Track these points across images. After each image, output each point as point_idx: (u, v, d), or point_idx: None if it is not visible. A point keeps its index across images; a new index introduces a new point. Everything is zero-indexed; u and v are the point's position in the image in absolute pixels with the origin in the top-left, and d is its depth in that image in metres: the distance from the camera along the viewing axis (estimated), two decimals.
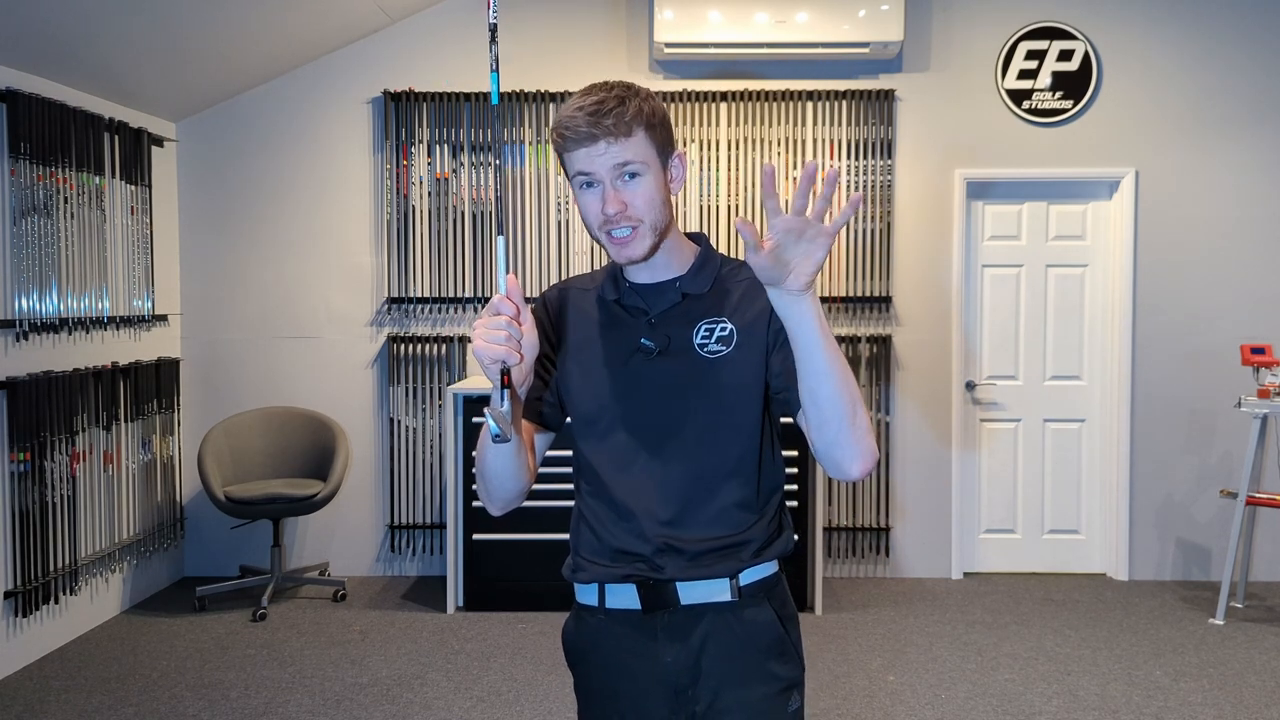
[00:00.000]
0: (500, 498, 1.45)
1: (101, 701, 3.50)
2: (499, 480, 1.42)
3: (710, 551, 1.42)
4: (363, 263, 4.98)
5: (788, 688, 1.45)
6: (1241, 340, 4.76)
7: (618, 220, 1.38)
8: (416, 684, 3.67)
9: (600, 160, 1.36)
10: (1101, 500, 5.06)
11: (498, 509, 1.49)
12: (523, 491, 1.46)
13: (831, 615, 4.43)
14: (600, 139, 1.35)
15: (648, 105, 1.39)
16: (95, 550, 4.24)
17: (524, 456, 1.41)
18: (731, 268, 1.50)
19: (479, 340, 1.25)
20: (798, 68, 4.90)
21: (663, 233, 1.42)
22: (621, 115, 1.35)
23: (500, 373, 1.25)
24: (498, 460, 1.38)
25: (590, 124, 1.35)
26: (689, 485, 1.42)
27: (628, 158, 1.36)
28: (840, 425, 1.30)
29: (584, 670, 1.54)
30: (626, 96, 1.37)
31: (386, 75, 4.92)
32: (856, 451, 1.30)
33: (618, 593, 1.46)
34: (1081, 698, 3.55)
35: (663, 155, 1.41)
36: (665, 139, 1.42)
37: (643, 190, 1.38)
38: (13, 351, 3.78)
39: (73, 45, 3.85)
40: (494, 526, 4.43)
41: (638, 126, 1.37)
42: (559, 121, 1.38)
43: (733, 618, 1.43)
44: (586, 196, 1.40)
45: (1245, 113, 4.88)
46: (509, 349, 1.24)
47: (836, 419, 1.29)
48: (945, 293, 4.96)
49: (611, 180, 1.37)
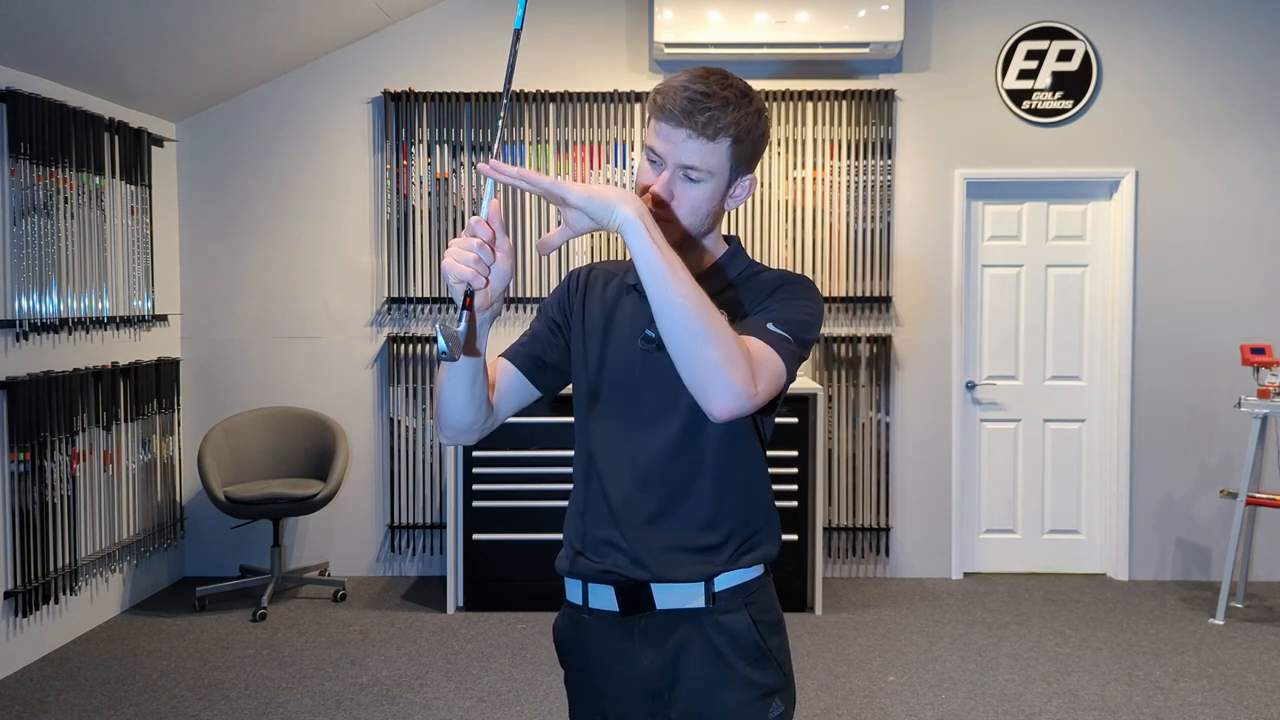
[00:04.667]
0: (449, 425, 1.43)
1: (101, 701, 3.50)
2: (447, 405, 1.40)
3: (684, 550, 1.42)
4: (363, 263, 4.98)
5: (767, 694, 1.44)
6: (1241, 340, 4.76)
7: (658, 205, 1.38)
8: (416, 684, 3.67)
9: (674, 149, 1.35)
10: (1101, 500, 5.06)
11: (446, 437, 1.47)
12: (473, 425, 1.43)
13: (831, 615, 4.43)
14: (684, 128, 1.34)
15: (748, 120, 1.36)
16: (95, 550, 4.24)
17: (479, 390, 1.39)
18: (754, 271, 1.50)
19: (448, 257, 1.24)
20: (798, 68, 4.90)
21: (695, 236, 1.43)
22: (715, 120, 1.33)
23: (464, 294, 1.24)
24: (450, 383, 1.37)
25: (684, 110, 1.33)
26: (667, 480, 1.42)
27: (697, 162, 1.35)
28: (684, 364, 1.24)
29: (571, 666, 1.55)
30: (733, 103, 1.34)
31: (386, 75, 4.92)
32: (710, 389, 1.23)
33: (599, 593, 1.47)
34: (1081, 698, 3.55)
35: (735, 171, 1.40)
36: (747, 157, 1.40)
37: (694, 196, 1.38)
38: (13, 351, 3.78)
39: (73, 45, 3.85)
40: (494, 527, 4.43)
41: (725, 136, 1.35)
42: (661, 86, 1.36)
43: (708, 623, 1.43)
44: (646, 167, 1.40)
45: (1245, 113, 4.88)
46: (475, 271, 1.22)
47: (679, 356, 1.24)
48: (945, 293, 4.96)
49: (673, 171, 1.37)
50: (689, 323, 1.22)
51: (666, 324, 1.23)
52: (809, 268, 4.89)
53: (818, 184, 4.89)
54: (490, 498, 4.44)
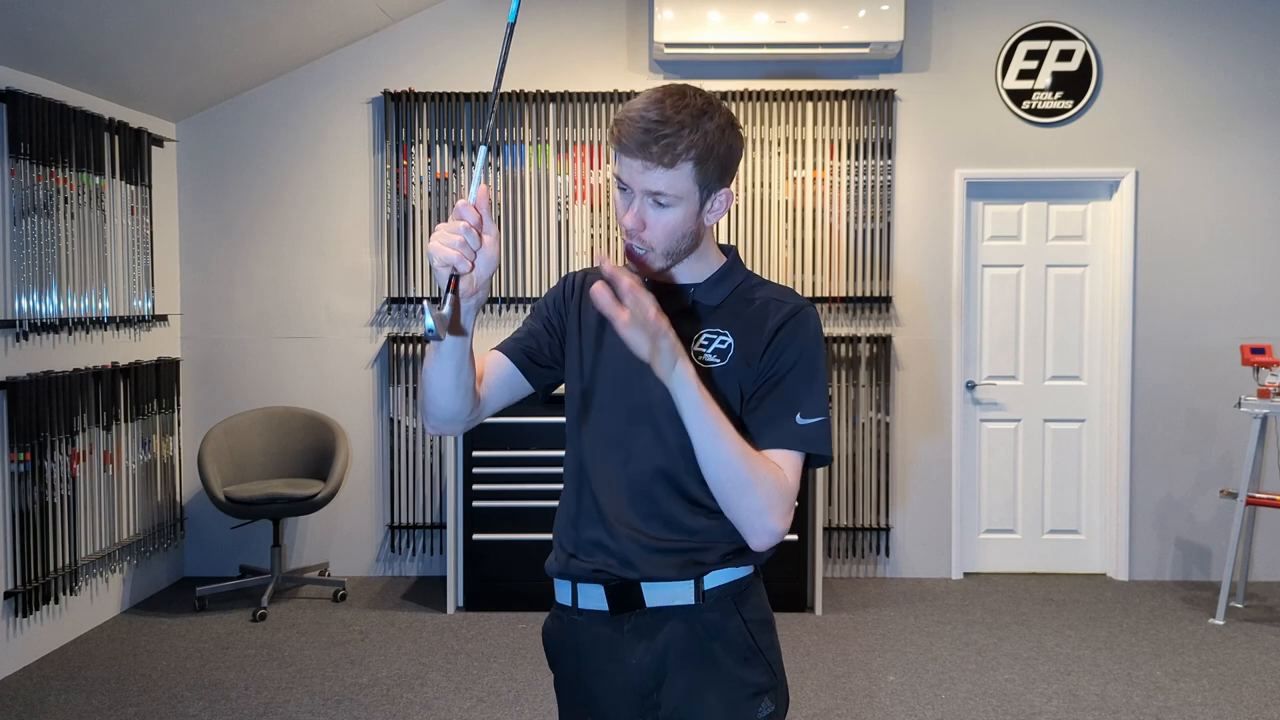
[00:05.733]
0: (434, 413, 1.43)
1: (101, 702, 3.50)
2: (433, 392, 1.40)
3: (673, 551, 1.42)
4: (363, 263, 4.98)
5: (757, 693, 1.44)
6: (1241, 340, 4.76)
7: (633, 236, 1.39)
8: (416, 684, 3.67)
9: (638, 178, 1.35)
10: (1101, 500, 5.06)
11: (431, 425, 1.47)
12: (458, 415, 1.44)
13: (831, 615, 4.43)
14: (639, 159, 1.33)
15: (709, 138, 1.33)
16: (95, 550, 4.24)
17: (465, 378, 1.39)
18: (753, 284, 1.50)
19: (434, 240, 1.24)
20: (798, 68, 4.90)
21: (679, 257, 1.43)
22: (672, 146, 1.31)
23: (449, 277, 1.24)
24: (435, 368, 1.37)
25: (639, 143, 1.32)
26: (658, 483, 1.42)
27: (662, 188, 1.35)
28: (727, 505, 1.35)
29: (560, 668, 1.55)
30: (689, 125, 1.32)
31: (386, 75, 4.92)
32: (751, 532, 1.36)
33: (588, 593, 1.47)
34: (1081, 698, 3.55)
35: (705, 189, 1.38)
36: (716, 174, 1.38)
37: (666, 220, 1.38)
38: (13, 351, 3.78)
39: (73, 45, 3.85)
40: (494, 527, 4.43)
41: (685, 161, 1.33)
42: (619, 117, 1.35)
43: (698, 622, 1.43)
44: (618, 197, 1.40)
45: (1245, 113, 4.88)
46: (461, 254, 1.23)
47: (723, 499, 1.35)
48: (945, 293, 4.96)
49: (641, 199, 1.37)
50: (734, 474, 1.32)
51: (712, 475, 1.33)
52: (809, 268, 4.89)
53: (818, 184, 4.89)
54: (490, 498, 4.44)
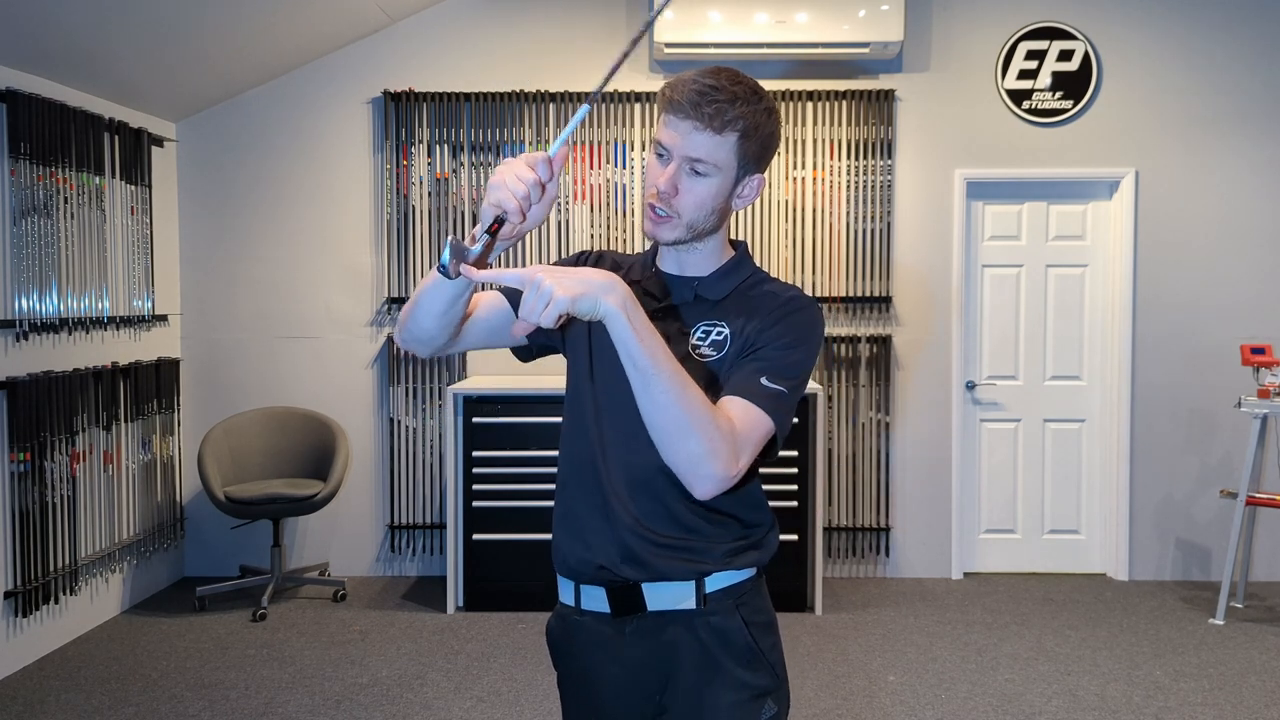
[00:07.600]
0: (411, 328, 1.43)
1: (101, 702, 3.50)
2: (421, 312, 1.39)
3: (673, 550, 1.42)
4: (363, 263, 4.98)
5: (759, 695, 1.43)
6: (1241, 340, 4.76)
7: (662, 199, 1.38)
8: (416, 684, 3.67)
9: (681, 141, 1.35)
10: (1101, 500, 5.06)
11: (402, 339, 1.47)
12: (434, 339, 1.43)
13: (831, 615, 4.43)
14: (690, 120, 1.33)
15: (756, 117, 1.36)
16: (95, 550, 4.24)
17: (457, 311, 1.39)
18: (757, 280, 1.49)
19: (501, 174, 1.23)
20: (798, 68, 4.90)
21: (700, 234, 1.42)
22: (723, 111, 1.33)
23: (493, 219, 1.22)
24: (432, 291, 1.36)
25: (692, 102, 1.33)
26: (659, 481, 1.41)
27: (703, 154, 1.35)
28: (664, 451, 1.28)
29: (564, 668, 1.55)
30: (742, 98, 1.34)
31: (386, 75, 4.92)
32: (692, 478, 1.28)
33: (591, 594, 1.47)
34: (1081, 698, 3.55)
35: (743, 168, 1.39)
36: (755, 155, 1.39)
37: (699, 190, 1.37)
38: (13, 351, 3.78)
39: (73, 45, 3.85)
40: (494, 527, 4.43)
41: (732, 130, 1.34)
42: (672, 81, 1.36)
43: (699, 624, 1.43)
44: (654, 163, 1.40)
45: (1245, 113, 4.88)
46: (519, 204, 1.22)
47: (660, 444, 1.28)
48: (945, 293, 4.96)
49: (679, 164, 1.36)
50: (671, 416, 1.25)
51: (648, 416, 1.27)
52: (809, 268, 4.89)
53: (818, 184, 4.89)
54: (490, 498, 4.44)
